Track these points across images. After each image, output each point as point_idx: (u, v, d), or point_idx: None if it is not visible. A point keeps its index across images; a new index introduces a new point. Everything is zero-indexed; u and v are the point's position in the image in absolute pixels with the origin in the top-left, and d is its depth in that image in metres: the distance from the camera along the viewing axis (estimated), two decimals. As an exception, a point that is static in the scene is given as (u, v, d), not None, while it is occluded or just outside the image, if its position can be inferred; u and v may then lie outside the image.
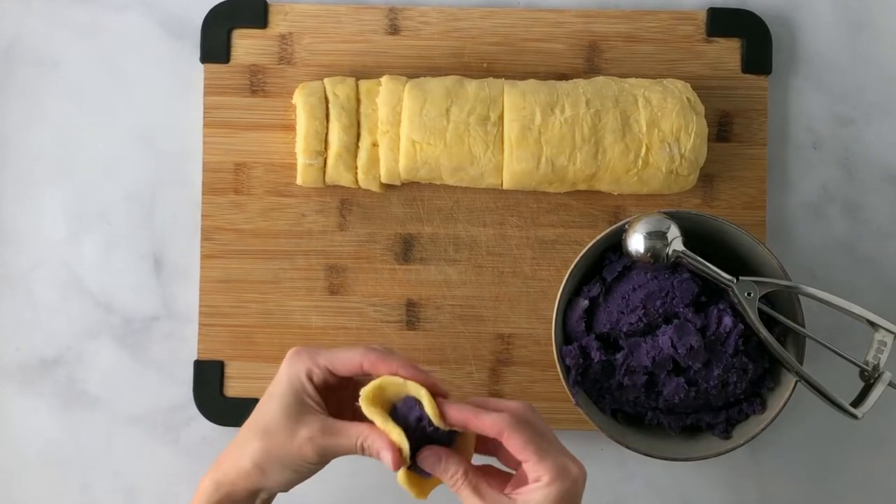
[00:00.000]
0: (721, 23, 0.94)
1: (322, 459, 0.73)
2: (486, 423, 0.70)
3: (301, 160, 0.91)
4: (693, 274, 0.86)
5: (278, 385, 0.74)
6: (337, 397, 0.76)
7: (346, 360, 0.74)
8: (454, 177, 0.90)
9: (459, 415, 0.71)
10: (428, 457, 0.72)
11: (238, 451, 0.74)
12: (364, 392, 0.72)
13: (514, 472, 0.74)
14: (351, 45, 0.94)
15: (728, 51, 0.94)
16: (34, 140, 0.96)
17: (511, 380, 0.93)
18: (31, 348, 0.95)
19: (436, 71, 0.93)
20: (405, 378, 0.72)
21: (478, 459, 0.75)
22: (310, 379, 0.74)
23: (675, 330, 0.84)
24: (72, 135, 0.96)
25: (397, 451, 0.71)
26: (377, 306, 0.93)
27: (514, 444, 0.70)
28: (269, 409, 0.73)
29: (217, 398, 0.93)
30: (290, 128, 0.93)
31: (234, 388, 0.93)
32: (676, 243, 0.84)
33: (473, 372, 0.93)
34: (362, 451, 0.72)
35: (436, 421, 0.71)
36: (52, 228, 0.95)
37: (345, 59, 0.94)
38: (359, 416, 0.73)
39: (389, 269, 0.93)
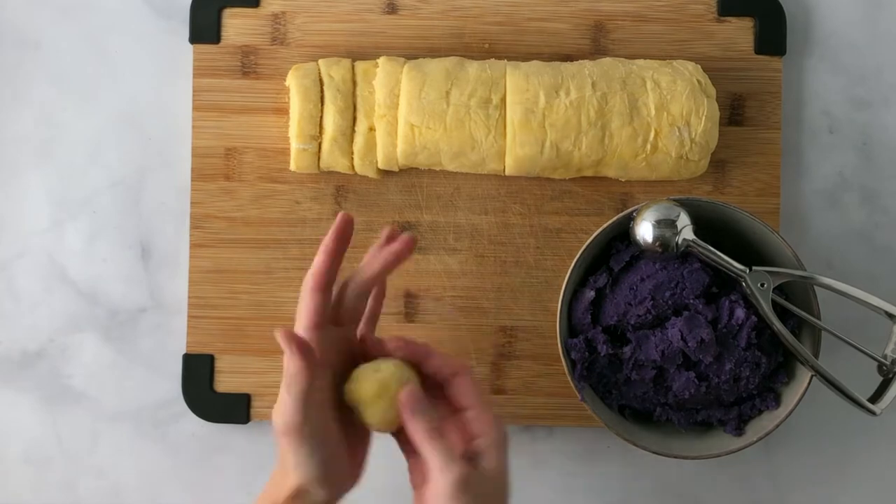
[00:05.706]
0: (733, 1, 0.94)
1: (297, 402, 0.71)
2: (450, 359, 0.75)
3: (295, 145, 0.90)
4: (704, 264, 0.86)
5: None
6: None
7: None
8: (454, 162, 0.89)
9: (423, 347, 0.75)
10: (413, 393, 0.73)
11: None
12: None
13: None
14: (347, 25, 0.94)
15: (740, 31, 0.94)
16: (15, 124, 0.95)
17: (514, 374, 0.93)
18: (13, 341, 0.94)
19: (435, 52, 0.93)
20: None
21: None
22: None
23: (685, 322, 0.84)
24: (55, 118, 0.95)
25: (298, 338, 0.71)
26: (374, 297, 0.92)
27: (467, 387, 0.74)
28: None
29: (207, 393, 0.92)
30: (283, 111, 0.93)
31: (225, 382, 0.92)
32: (686, 232, 0.83)
33: (474, 366, 0.93)
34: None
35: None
36: (35, 216, 0.95)
37: (340, 39, 0.93)
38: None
39: (387, 259, 0.92)
